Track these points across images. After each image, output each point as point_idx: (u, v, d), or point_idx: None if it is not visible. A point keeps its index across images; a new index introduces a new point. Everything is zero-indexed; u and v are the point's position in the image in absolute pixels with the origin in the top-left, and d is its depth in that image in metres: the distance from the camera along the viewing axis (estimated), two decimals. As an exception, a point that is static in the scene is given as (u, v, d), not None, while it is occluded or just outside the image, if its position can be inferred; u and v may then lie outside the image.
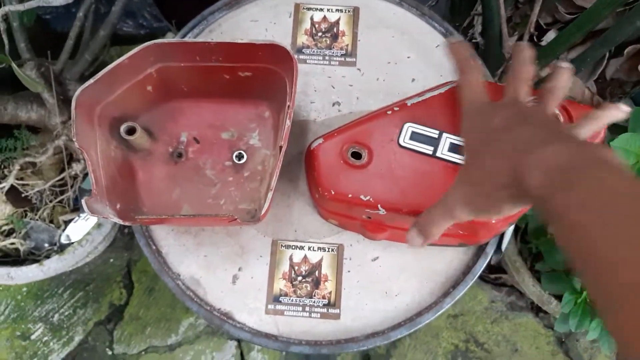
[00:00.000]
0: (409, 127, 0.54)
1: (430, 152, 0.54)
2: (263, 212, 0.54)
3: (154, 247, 0.63)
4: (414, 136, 0.54)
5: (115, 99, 0.59)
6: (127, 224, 0.56)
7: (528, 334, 1.24)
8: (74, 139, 0.54)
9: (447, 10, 1.00)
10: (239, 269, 0.63)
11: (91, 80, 0.55)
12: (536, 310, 1.26)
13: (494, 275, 1.26)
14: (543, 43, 0.86)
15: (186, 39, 0.64)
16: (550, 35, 0.86)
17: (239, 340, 1.20)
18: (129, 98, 0.61)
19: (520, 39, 0.85)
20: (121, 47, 1.18)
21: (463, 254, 0.64)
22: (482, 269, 0.63)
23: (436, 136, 0.54)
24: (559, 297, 1.02)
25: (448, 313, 1.25)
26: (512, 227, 0.62)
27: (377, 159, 0.54)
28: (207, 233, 0.64)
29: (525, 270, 1.04)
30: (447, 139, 0.54)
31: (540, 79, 0.84)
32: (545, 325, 1.25)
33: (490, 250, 0.63)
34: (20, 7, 0.78)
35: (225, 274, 0.63)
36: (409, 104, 0.55)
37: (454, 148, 0.54)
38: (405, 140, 0.54)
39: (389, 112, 0.56)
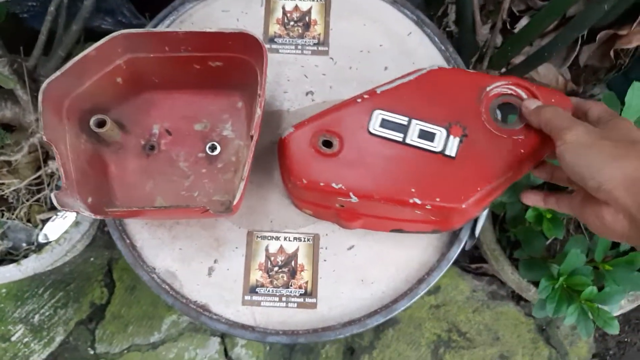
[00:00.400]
0: (379, 115, 0.54)
1: (400, 139, 0.54)
2: (235, 202, 0.53)
3: (128, 241, 0.63)
4: (384, 123, 0.54)
5: (84, 91, 0.59)
6: (98, 217, 0.55)
7: (509, 322, 1.25)
8: (42, 133, 0.53)
9: (422, 1, 1.00)
10: (215, 261, 0.63)
11: (57, 73, 0.55)
12: (517, 299, 1.27)
13: (475, 265, 1.27)
14: (516, 30, 0.87)
15: (154, 29, 0.63)
16: (524, 22, 0.87)
17: (222, 336, 1.20)
18: (99, 90, 0.60)
19: (493, 26, 0.85)
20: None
21: (437, 241, 0.65)
22: (456, 255, 0.64)
23: (405, 123, 0.54)
24: (537, 284, 1.03)
25: (430, 304, 1.26)
26: (485, 212, 0.63)
27: (347, 147, 0.54)
28: (182, 226, 0.64)
29: (505, 259, 1.05)
30: (417, 126, 0.54)
31: (514, 66, 0.85)
32: (526, 313, 1.26)
33: (464, 236, 0.64)
34: (-13, 2, 0.77)
35: (201, 266, 0.63)
36: (378, 92, 0.55)
37: (423, 134, 0.54)
38: (375, 127, 0.54)
39: (359, 100, 0.56)
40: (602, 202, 0.44)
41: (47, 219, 1.03)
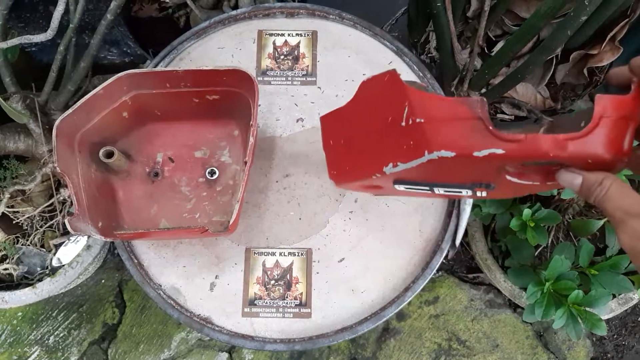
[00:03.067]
0: None
1: None
2: (231, 222, 0.59)
3: (135, 261, 0.69)
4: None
5: (94, 126, 0.65)
6: (108, 239, 0.61)
7: (507, 329, 1.29)
8: (56, 165, 0.59)
9: (406, 27, 1.07)
10: (216, 277, 0.69)
11: (69, 110, 0.61)
12: (513, 306, 1.31)
13: (472, 274, 1.32)
14: (493, 53, 0.93)
15: (156, 69, 0.70)
16: (500, 46, 0.93)
17: (230, 352, 1.24)
18: (107, 124, 0.66)
19: (471, 51, 0.91)
20: (103, 75, 1.24)
21: (422, 251, 0.70)
22: (439, 263, 0.69)
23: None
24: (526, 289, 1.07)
25: (430, 313, 1.30)
26: (464, 224, 0.68)
27: None
28: (185, 245, 0.70)
29: (497, 268, 1.09)
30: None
31: (493, 86, 0.91)
32: (523, 320, 1.30)
33: (445, 246, 0.69)
34: (3, 45, 0.84)
35: (203, 282, 0.68)
36: None
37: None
38: None
39: None
40: None
41: (60, 244, 1.09)
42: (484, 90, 0.91)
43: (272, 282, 0.69)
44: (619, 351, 1.33)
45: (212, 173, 0.70)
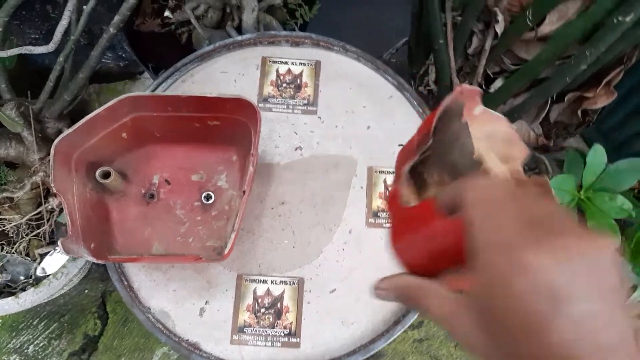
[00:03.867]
0: None
1: None
2: (226, 251, 0.59)
3: (125, 283, 0.68)
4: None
5: (92, 145, 0.65)
6: (100, 262, 0.61)
7: (489, 359, 1.29)
8: (52, 185, 0.59)
9: (406, 59, 1.08)
10: (206, 302, 0.68)
11: (69, 130, 0.61)
12: (496, 336, 1.32)
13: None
14: (491, 90, 0.94)
15: (159, 93, 0.70)
16: (498, 83, 0.94)
17: (210, 369, 1.23)
18: (105, 144, 0.66)
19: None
20: (99, 85, 1.23)
21: (413, 287, 0.70)
22: (429, 300, 0.69)
23: None
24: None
25: (413, 338, 1.30)
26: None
27: None
28: (177, 269, 0.69)
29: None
30: None
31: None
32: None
33: (437, 283, 0.69)
34: (3, 54, 0.83)
35: (193, 307, 0.68)
36: None
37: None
38: None
39: None
40: None
41: (45, 253, 1.07)
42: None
43: (263, 310, 0.68)
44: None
45: (208, 197, 0.70)
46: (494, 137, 0.53)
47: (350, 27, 1.27)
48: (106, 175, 0.65)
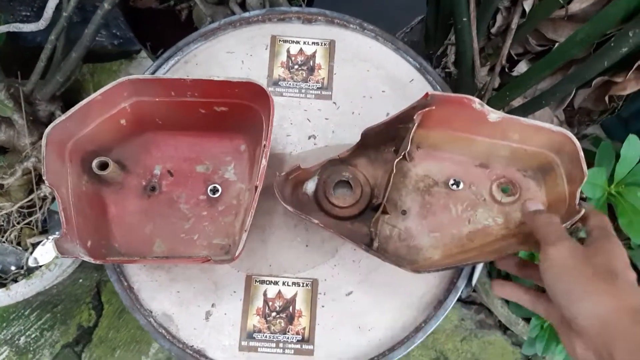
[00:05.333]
0: None
1: None
2: (238, 252, 0.53)
3: (125, 284, 0.63)
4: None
5: (88, 133, 0.58)
6: (98, 262, 0.55)
7: (496, 351, 1.26)
8: (44, 178, 0.53)
9: (422, 39, 1.01)
10: (212, 305, 0.63)
11: (63, 117, 0.54)
12: (504, 328, 1.28)
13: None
14: (514, 73, 0.88)
15: (161, 76, 0.64)
16: (522, 65, 0.88)
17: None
18: (102, 132, 0.60)
19: (492, 69, 0.86)
20: (93, 64, 1.16)
21: (435, 288, 0.65)
22: (453, 303, 0.64)
23: None
24: (526, 318, 1.04)
25: (420, 332, 1.26)
26: (482, 264, 0.64)
27: None
28: (180, 268, 0.64)
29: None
30: None
31: (512, 109, 0.86)
32: (512, 343, 1.27)
33: (461, 284, 0.64)
34: (-9, 32, 0.76)
35: (198, 310, 0.63)
36: None
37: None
38: None
39: None
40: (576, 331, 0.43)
41: (38, 243, 1.01)
42: (501, 111, 0.86)
43: (274, 314, 0.63)
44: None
45: (214, 191, 0.64)
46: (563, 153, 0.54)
47: (358, 4, 1.20)
48: (104, 166, 0.59)
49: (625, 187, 0.74)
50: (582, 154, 0.56)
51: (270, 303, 0.63)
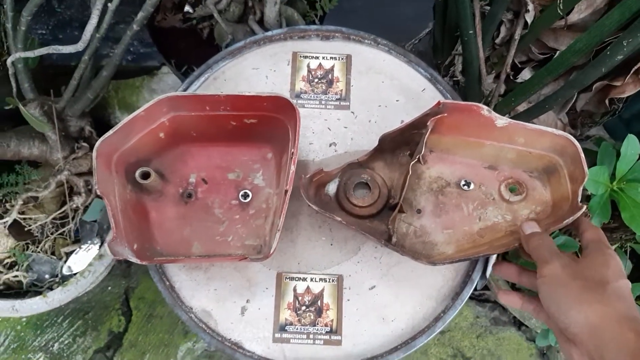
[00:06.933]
0: None
1: None
2: (272, 250, 0.59)
3: (167, 283, 0.68)
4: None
5: (131, 146, 0.64)
6: (144, 263, 0.61)
7: (511, 347, 1.30)
8: (96, 187, 0.59)
9: (430, 49, 1.07)
10: (247, 301, 0.68)
11: (110, 132, 0.60)
12: (518, 324, 1.32)
13: (478, 291, 1.33)
14: (519, 80, 0.94)
15: (199, 93, 0.69)
16: (525, 73, 0.93)
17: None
18: (143, 145, 0.66)
19: (497, 76, 0.92)
20: (117, 81, 1.22)
21: (452, 281, 0.70)
22: (469, 294, 0.69)
23: None
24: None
25: (435, 330, 1.31)
26: (495, 256, 0.69)
27: None
28: (216, 268, 0.69)
29: (507, 288, 1.10)
30: None
31: (517, 113, 0.91)
32: (527, 338, 1.31)
33: (476, 277, 0.69)
34: (30, 54, 0.82)
35: (234, 306, 0.68)
36: None
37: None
38: None
39: None
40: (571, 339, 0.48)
41: (71, 252, 1.07)
42: (507, 116, 0.91)
43: (303, 307, 0.68)
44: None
45: (245, 196, 0.70)
46: (565, 154, 0.60)
47: (368, 17, 1.26)
48: (146, 175, 0.65)
49: (627, 183, 0.79)
50: (582, 155, 0.62)
51: (300, 298, 0.69)
